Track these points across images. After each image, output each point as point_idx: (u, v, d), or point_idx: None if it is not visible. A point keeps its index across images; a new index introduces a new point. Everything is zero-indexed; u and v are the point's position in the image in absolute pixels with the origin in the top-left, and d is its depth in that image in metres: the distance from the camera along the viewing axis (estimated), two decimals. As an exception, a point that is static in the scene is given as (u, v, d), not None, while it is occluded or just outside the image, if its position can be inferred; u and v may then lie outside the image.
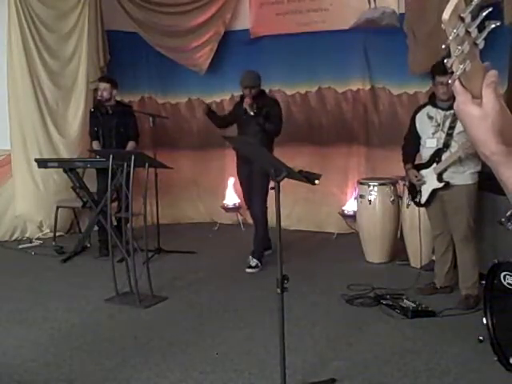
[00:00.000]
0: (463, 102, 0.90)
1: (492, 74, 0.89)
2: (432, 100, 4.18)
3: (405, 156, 4.40)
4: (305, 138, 6.79)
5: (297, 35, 6.63)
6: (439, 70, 3.95)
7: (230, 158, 6.13)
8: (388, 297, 4.25)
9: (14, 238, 6.48)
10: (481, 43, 0.87)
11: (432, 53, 5.43)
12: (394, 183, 5.35)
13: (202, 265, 5.33)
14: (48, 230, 6.47)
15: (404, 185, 5.01)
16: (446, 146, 4.06)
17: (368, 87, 6.46)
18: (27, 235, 6.50)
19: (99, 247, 5.72)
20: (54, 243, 6.05)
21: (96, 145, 5.78)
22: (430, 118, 4.16)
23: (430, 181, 4.19)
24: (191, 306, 4.33)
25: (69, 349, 3.57)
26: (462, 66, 0.86)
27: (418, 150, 4.32)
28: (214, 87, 7.04)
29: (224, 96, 7.00)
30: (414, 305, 4.00)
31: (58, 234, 6.28)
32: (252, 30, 6.92)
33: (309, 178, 2.92)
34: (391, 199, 5.28)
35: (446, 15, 0.84)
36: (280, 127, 5.15)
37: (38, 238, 6.42)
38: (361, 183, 5.45)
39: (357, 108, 6.56)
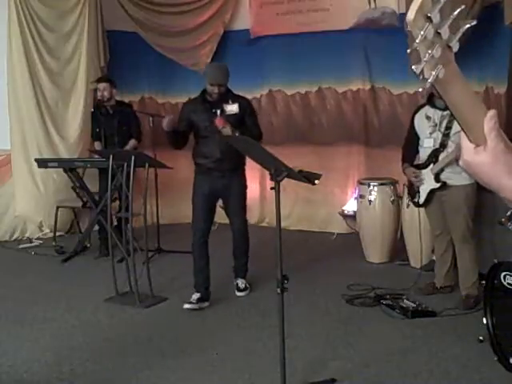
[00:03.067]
0: (467, 155, 0.87)
1: (492, 114, 0.84)
2: (431, 100, 4.17)
3: (403, 156, 4.40)
4: (305, 137, 6.79)
5: (297, 35, 6.64)
6: None
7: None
8: (388, 297, 4.25)
9: (14, 238, 6.48)
10: (455, 45, 0.78)
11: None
12: (393, 183, 5.35)
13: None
14: (48, 230, 6.47)
15: (404, 184, 5.01)
16: (443, 146, 4.05)
17: (368, 87, 6.46)
18: (27, 235, 6.50)
19: (99, 247, 5.72)
20: (54, 243, 6.05)
21: (98, 145, 5.78)
22: (428, 118, 4.15)
23: (427, 181, 4.17)
24: (191, 306, 4.33)
25: (69, 349, 3.57)
26: (434, 73, 0.78)
27: (417, 151, 4.30)
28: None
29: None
30: (414, 305, 4.00)
31: (58, 233, 6.27)
32: (252, 30, 6.92)
33: (309, 177, 2.92)
34: (391, 199, 5.28)
35: (410, 15, 0.75)
36: (261, 132, 4.41)
37: (38, 238, 6.43)
38: (361, 183, 5.45)
39: (357, 108, 6.56)
